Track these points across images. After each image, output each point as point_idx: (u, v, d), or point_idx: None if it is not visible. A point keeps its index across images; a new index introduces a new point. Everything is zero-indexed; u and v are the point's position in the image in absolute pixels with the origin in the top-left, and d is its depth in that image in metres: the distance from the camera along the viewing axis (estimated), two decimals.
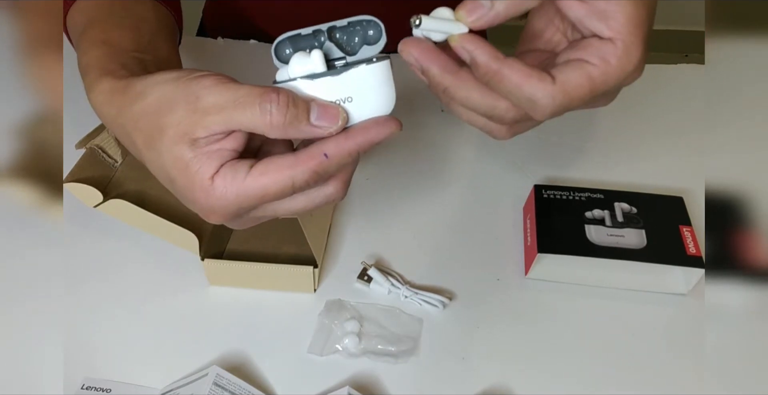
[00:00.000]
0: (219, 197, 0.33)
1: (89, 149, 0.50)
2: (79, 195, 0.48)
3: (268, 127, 0.33)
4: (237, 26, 0.77)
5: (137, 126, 0.35)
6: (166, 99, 0.34)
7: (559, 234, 0.49)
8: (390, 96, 0.34)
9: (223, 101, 0.33)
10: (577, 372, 0.46)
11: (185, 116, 0.33)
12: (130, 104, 0.35)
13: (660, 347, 0.47)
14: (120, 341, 0.47)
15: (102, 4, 0.45)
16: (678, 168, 0.60)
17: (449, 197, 0.57)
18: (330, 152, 0.33)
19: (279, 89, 0.33)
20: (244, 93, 0.33)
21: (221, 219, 0.35)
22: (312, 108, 0.33)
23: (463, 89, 0.33)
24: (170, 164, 0.34)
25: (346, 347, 0.46)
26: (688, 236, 0.49)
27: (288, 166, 0.33)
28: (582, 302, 0.50)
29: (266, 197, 0.34)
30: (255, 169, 0.33)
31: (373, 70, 0.33)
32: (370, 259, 0.52)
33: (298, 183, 0.33)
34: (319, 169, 0.33)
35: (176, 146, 0.33)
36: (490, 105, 0.33)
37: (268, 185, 0.33)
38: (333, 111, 0.33)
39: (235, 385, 0.42)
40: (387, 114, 0.34)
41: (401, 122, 0.34)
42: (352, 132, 0.34)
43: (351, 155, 0.34)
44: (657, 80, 0.71)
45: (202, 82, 0.34)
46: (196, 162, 0.33)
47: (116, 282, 0.50)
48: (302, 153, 0.33)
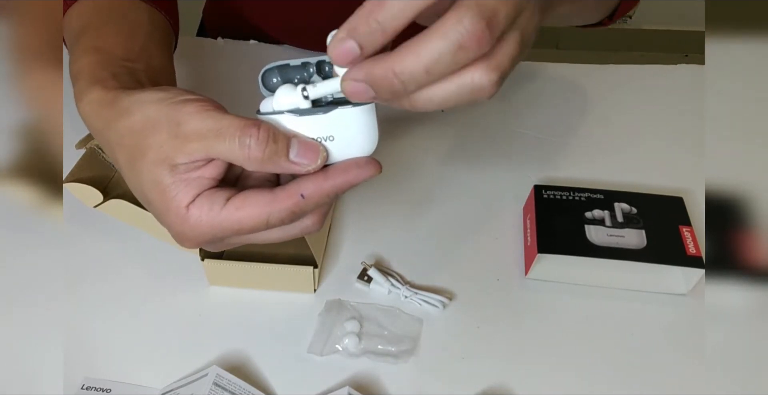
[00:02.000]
0: (193, 226, 0.34)
1: (89, 149, 0.50)
2: (79, 195, 0.48)
3: (247, 160, 0.32)
4: (237, 26, 0.77)
5: (121, 142, 0.35)
6: (150, 120, 0.34)
7: (559, 234, 0.49)
8: (372, 138, 0.34)
9: (205, 129, 0.33)
10: (577, 372, 0.46)
11: (167, 140, 0.33)
12: (116, 119, 0.35)
13: (660, 347, 0.47)
14: (120, 341, 0.47)
15: (98, 9, 0.45)
16: (678, 168, 0.60)
17: (449, 197, 0.57)
18: (307, 192, 0.33)
19: (260, 123, 0.32)
20: (225, 124, 0.32)
21: (194, 245, 0.35)
22: (292, 145, 0.33)
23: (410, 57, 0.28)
24: (149, 186, 0.34)
25: (346, 347, 0.46)
26: (688, 236, 0.49)
27: (265, 203, 0.33)
28: (582, 302, 0.50)
29: (241, 231, 0.34)
30: (231, 202, 0.33)
31: (357, 112, 0.33)
32: (370, 259, 0.52)
33: (273, 221, 0.33)
34: (295, 209, 0.33)
35: (156, 169, 0.33)
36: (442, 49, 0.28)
37: (243, 219, 0.33)
38: (313, 149, 0.33)
39: (235, 385, 0.42)
40: (368, 155, 0.34)
41: (381, 165, 0.34)
42: (331, 173, 0.33)
43: (329, 196, 0.34)
44: (657, 80, 0.71)
45: (185, 108, 0.33)
46: (174, 188, 0.33)
47: (116, 282, 0.50)
48: (280, 191, 0.33)
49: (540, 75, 0.71)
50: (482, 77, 0.29)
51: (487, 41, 0.28)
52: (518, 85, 0.70)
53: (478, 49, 0.28)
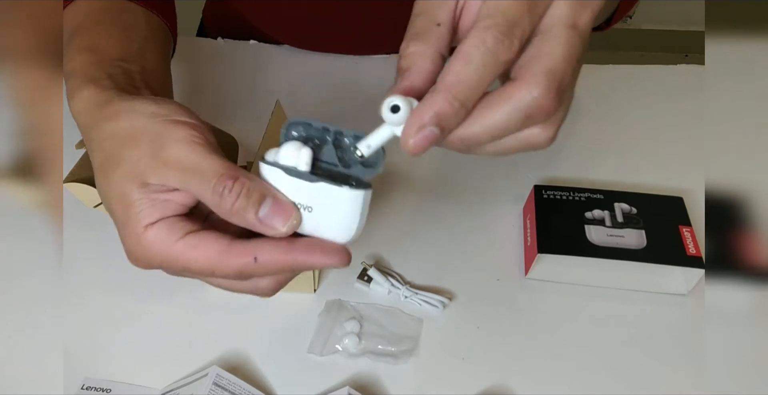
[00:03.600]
0: (145, 248, 0.33)
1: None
2: (79, 195, 0.48)
3: (216, 208, 0.32)
4: (237, 26, 0.77)
5: (101, 146, 0.34)
6: (135, 132, 0.33)
7: (559, 234, 0.49)
8: (351, 226, 0.32)
9: (186, 163, 0.32)
10: (577, 372, 0.46)
11: (145, 157, 0.32)
12: (103, 121, 0.35)
13: (660, 347, 0.47)
14: (120, 341, 0.47)
15: (92, 10, 0.44)
16: (678, 168, 0.60)
17: (449, 197, 0.57)
18: (262, 257, 0.32)
19: (238, 176, 0.32)
20: (206, 166, 0.32)
21: (143, 267, 0.34)
22: (264, 204, 0.32)
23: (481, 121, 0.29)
24: (115, 196, 0.33)
25: (346, 347, 0.46)
26: (688, 236, 0.49)
27: (216, 252, 0.32)
28: (582, 302, 0.50)
29: (187, 271, 0.33)
30: (188, 238, 0.32)
31: (344, 194, 0.31)
32: (370, 259, 0.52)
33: (219, 274, 0.32)
34: (244, 270, 0.32)
35: (126, 183, 0.33)
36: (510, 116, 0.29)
37: (191, 260, 0.32)
38: (284, 214, 0.32)
39: (235, 385, 0.42)
40: (343, 242, 0.32)
41: (349, 258, 0.32)
42: (294, 247, 0.32)
43: (283, 270, 0.32)
44: (657, 80, 0.71)
45: (174, 132, 0.33)
46: (139, 205, 0.33)
47: (116, 282, 0.50)
48: (236, 246, 0.32)
49: None
50: (541, 134, 0.30)
51: (554, 110, 0.29)
52: None
53: (546, 118, 0.29)
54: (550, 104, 0.28)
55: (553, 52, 0.28)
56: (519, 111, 0.28)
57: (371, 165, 0.31)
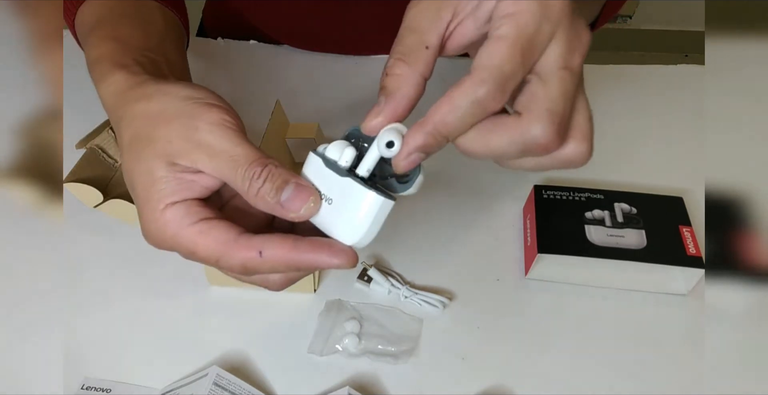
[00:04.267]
0: (158, 227, 0.33)
1: (89, 149, 0.50)
2: (79, 195, 0.48)
3: (244, 194, 0.33)
4: (237, 26, 0.77)
5: (131, 124, 0.35)
6: (168, 112, 0.34)
7: (559, 234, 0.49)
8: (361, 229, 0.32)
9: (218, 147, 0.32)
10: (577, 372, 0.45)
11: (177, 138, 0.33)
12: (136, 101, 0.35)
13: (660, 347, 0.47)
14: (120, 341, 0.47)
15: (111, 6, 0.45)
16: (678, 168, 0.60)
17: (449, 197, 0.57)
18: (267, 253, 0.32)
19: (267, 163, 0.32)
20: (239, 152, 0.32)
21: (155, 245, 0.35)
22: (287, 188, 0.32)
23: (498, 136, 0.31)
24: (140, 172, 0.34)
25: (346, 347, 0.46)
26: (688, 236, 0.49)
27: (222, 242, 0.32)
28: (582, 302, 0.50)
29: (194, 256, 0.33)
30: (200, 224, 0.33)
31: (366, 196, 0.32)
32: (370, 259, 0.52)
33: (223, 265, 0.33)
34: (248, 264, 0.32)
35: (155, 160, 0.33)
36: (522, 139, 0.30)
37: (198, 246, 0.33)
38: (304, 197, 0.32)
39: (235, 385, 0.42)
40: (350, 244, 0.33)
41: (356, 261, 0.33)
42: (301, 244, 0.32)
43: (288, 267, 0.33)
44: (657, 80, 0.71)
45: (208, 115, 0.33)
46: (164, 183, 0.33)
47: (116, 282, 0.50)
48: (243, 239, 0.33)
49: None
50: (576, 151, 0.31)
51: (556, 146, 0.30)
52: None
53: (545, 153, 0.30)
54: (549, 141, 0.30)
55: (552, 93, 0.29)
56: (517, 143, 0.30)
57: (404, 180, 0.33)
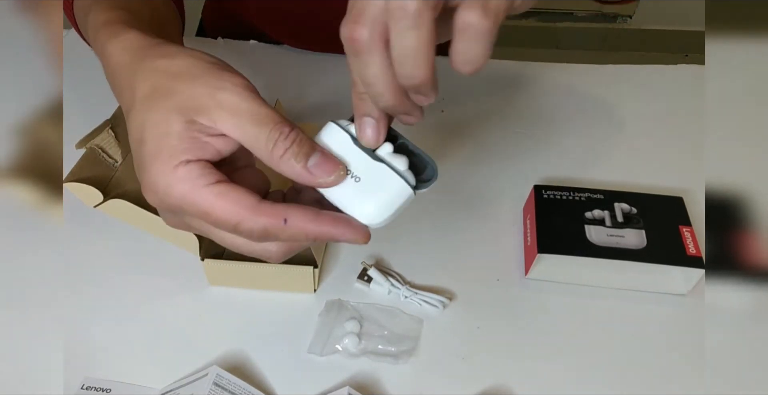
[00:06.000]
0: (169, 183, 0.32)
1: (89, 149, 0.50)
2: (79, 195, 0.48)
3: (267, 154, 0.32)
4: (237, 26, 0.77)
5: (148, 77, 0.34)
6: (191, 69, 0.33)
7: (559, 234, 0.49)
8: (383, 213, 0.33)
9: (243, 107, 0.32)
10: (576, 372, 0.46)
11: (201, 95, 0.32)
12: (156, 58, 0.34)
13: (660, 347, 0.47)
14: (120, 341, 0.47)
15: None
16: (678, 168, 0.60)
17: (449, 197, 0.57)
18: (291, 221, 0.32)
19: (293, 125, 0.32)
20: (263, 113, 0.32)
21: (155, 204, 0.33)
22: (315, 154, 0.32)
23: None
24: (154, 123, 0.32)
25: (346, 347, 0.46)
26: (688, 236, 0.49)
27: (245, 206, 0.31)
28: (582, 302, 0.50)
29: (206, 218, 0.32)
30: (218, 185, 0.32)
31: (398, 184, 0.33)
32: (370, 259, 0.52)
33: (243, 228, 0.32)
34: (271, 228, 0.32)
35: (173, 115, 0.32)
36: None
37: (215, 208, 0.31)
38: (332, 165, 0.33)
39: (235, 385, 0.42)
40: (368, 223, 0.33)
41: (369, 239, 0.34)
42: (322, 217, 0.32)
43: (307, 237, 0.33)
44: (657, 80, 0.71)
45: (232, 78, 0.33)
46: (178, 139, 0.32)
47: (116, 282, 0.50)
48: (267, 205, 0.32)
49: (540, 75, 0.71)
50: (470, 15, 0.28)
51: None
52: (518, 85, 0.70)
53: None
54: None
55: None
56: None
57: (421, 178, 0.35)
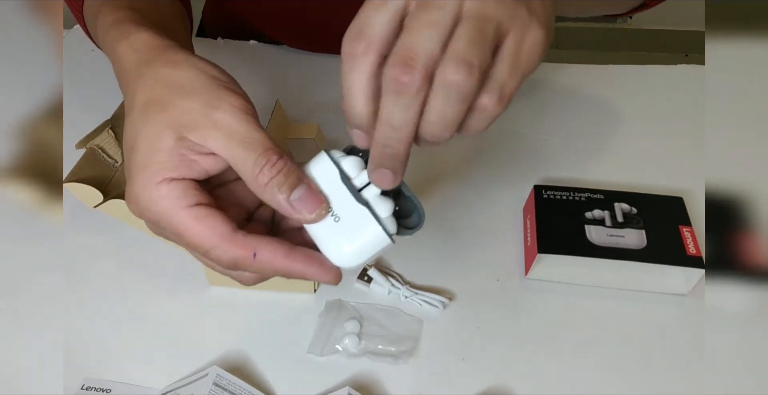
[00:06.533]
0: (150, 198, 0.32)
1: (89, 149, 0.50)
2: (79, 195, 0.48)
3: (252, 180, 0.32)
4: (237, 26, 0.77)
5: (152, 86, 0.34)
6: (193, 84, 0.34)
7: (559, 234, 0.49)
8: (356, 258, 0.33)
9: (235, 129, 0.32)
10: (576, 372, 0.45)
11: (196, 111, 0.32)
12: (162, 65, 0.35)
13: (660, 347, 0.47)
14: (120, 341, 0.47)
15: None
16: (678, 168, 0.60)
17: (449, 197, 0.57)
18: (261, 255, 0.32)
19: (283, 154, 0.32)
20: (255, 137, 0.32)
21: (136, 214, 0.34)
22: (300, 187, 0.32)
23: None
24: (147, 135, 0.33)
25: (346, 347, 0.46)
26: (688, 236, 0.49)
27: (219, 234, 0.32)
28: (582, 302, 0.50)
29: (180, 240, 0.33)
30: (197, 208, 0.32)
31: (376, 231, 0.32)
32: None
33: (212, 256, 0.32)
34: (240, 261, 0.32)
35: (166, 129, 0.32)
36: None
37: (189, 232, 0.32)
38: (315, 202, 0.32)
39: (235, 385, 0.42)
40: (338, 266, 0.33)
41: (340, 279, 0.34)
42: (295, 254, 0.33)
43: (275, 272, 0.33)
44: (657, 80, 0.71)
45: (231, 98, 0.33)
46: (167, 155, 0.32)
47: (116, 282, 0.50)
48: (240, 237, 0.32)
49: (540, 75, 0.71)
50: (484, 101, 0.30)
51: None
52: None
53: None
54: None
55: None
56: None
57: (410, 226, 0.34)
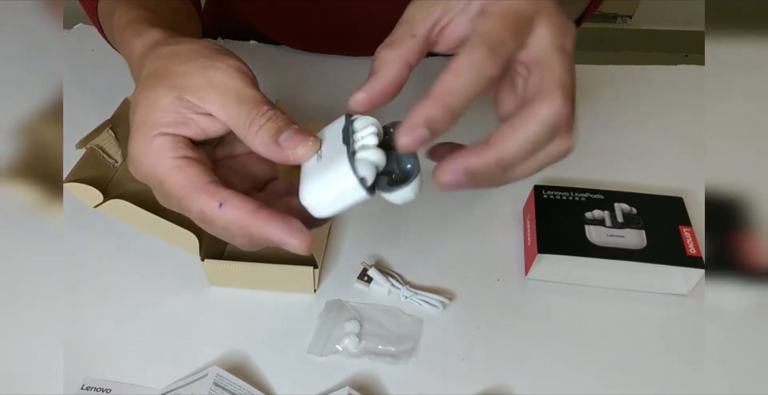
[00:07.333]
0: (142, 151, 0.34)
1: (89, 149, 0.50)
2: (79, 195, 0.48)
3: (244, 132, 0.34)
4: (237, 26, 0.77)
5: (154, 62, 0.37)
6: (191, 50, 0.36)
7: (559, 235, 0.49)
8: (325, 200, 0.32)
9: (230, 87, 0.34)
10: (576, 372, 0.46)
11: (193, 74, 0.34)
12: (165, 45, 0.37)
13: (660, 347, 0.47)
14: (120, 341, 0.47)
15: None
16: (678, 168, 0.60)
17: (449, 197, 0.57)
18: (226, 207, 0.32)
19: (272, 105, 0.34)
20: (248, 93, 0.34)
21: (136, 176, 0.36)
22: (288, 131, 0.33)
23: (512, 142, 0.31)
24: (146, 98, 0.35)
25: (346, 347, 0.46)
26: (688, 236, 0.49)
27: (192, 183, 0.33)
28: (582, 302, 0.50)
29: (161, 188, 0.34)
30: (180, 160, 0.34)
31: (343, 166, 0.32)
32: (370, 259, 0.52)
33: (183, 205, 0.34)
34: (206, 212, 0.33)
35: (164, 90, 0.34)
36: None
37: (168, 179, 0.34)
38: (300, 139, 0.33)
39: (235, 385, 0.42)
40: (306, 204, 0.33)
41: (308, 247, 0.32)
42: (260, 213, 0.32)
43: (241, 228, 0.33)
44: (657, 80, 0.71)
45: (227, 60, 0.35)
46: (164, 112, 0.34)
47: (116, 282, 0.50)
48: (211, 186, 0.33)
49: None
50: (563, 144, 0.32)
51: (573, 116, 0.31)
52: None
53: (568, 126, 0.31)
54: (570, 112, 0.31)
55: (557, 70, 0.31)
56: (547, 123, 0.31)
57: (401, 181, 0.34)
